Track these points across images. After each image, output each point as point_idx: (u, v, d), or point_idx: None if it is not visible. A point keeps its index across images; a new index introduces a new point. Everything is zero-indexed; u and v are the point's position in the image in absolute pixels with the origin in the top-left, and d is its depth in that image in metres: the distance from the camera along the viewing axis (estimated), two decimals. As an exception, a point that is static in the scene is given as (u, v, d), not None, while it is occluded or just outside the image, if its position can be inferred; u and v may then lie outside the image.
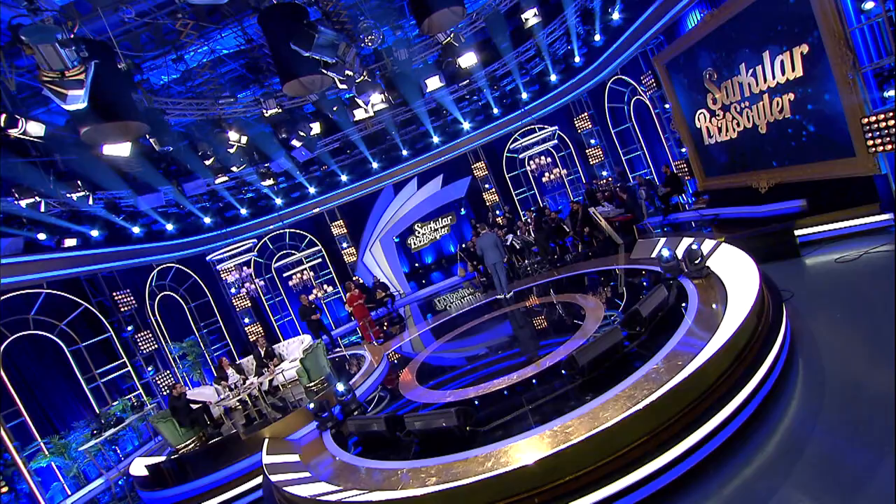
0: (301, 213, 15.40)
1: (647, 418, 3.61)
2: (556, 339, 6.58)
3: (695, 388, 3.79)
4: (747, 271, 5.51)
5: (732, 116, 8.41)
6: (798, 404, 3.73)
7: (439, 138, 14.77)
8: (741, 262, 5.95)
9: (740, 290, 5.15)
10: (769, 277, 5.47)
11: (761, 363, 3.97)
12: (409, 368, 7.96)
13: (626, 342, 5.07)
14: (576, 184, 15.38)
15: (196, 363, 10.61)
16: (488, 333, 8.54)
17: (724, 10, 7.50)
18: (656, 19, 9.57)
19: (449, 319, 10.54)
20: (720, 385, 3.82)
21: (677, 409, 3.68)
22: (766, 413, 3.73)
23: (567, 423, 4.02)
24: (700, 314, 5.15)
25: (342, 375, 8.75)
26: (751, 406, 3.75)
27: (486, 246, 9.52)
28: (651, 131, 12.25)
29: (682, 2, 8.57)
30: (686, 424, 3.60)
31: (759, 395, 3.82)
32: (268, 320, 14.37)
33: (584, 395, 4.52)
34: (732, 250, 6.43)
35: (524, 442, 3.98)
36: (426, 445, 4.83)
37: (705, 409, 3.69)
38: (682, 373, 3.97)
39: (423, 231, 17.32)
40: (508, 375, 5.74)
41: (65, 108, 4.53)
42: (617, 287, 7.96)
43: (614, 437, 3.56)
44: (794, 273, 5.92)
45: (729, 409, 3.65)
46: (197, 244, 12.94)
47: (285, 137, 10.08)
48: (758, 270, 5.23)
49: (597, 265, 9.27)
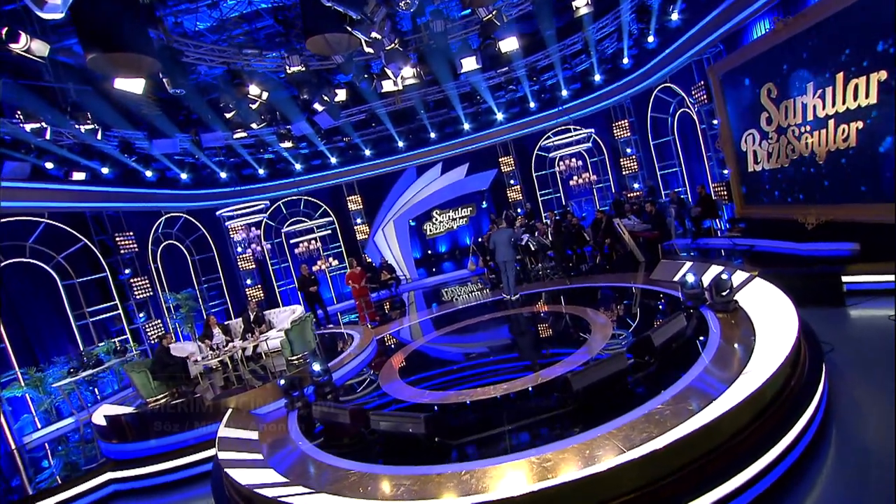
0: (318, 181, 14.98)
1: (641, 469, 2.99)
2: (555, 353, 5.95)
3: (704, 441, 3.14)
4: (782, 313, 4.80)
5: (788, 141, 7.52)
6: (826, 485, 3.04)
7: (470, 125, 14.08)
8: (776, 301, 5.23)
9: (772, 334, 4.45)
10: (808, 325, 4.71)
11: (790, 426, 3.28)
12: (394, 358, 7.45)
13: (631, 372, 4.41)
14: (604, 192, 14.53)
15: (189, 316, 10.33)
16: (485, 334, 7.96)
17: (801, 18, 6.60)
18: (718, 24, 8.65)
19: (449, 312, 10.01)
20: (736, 444, 3.15)
21: (679, 464, 3.04)
22: (787, 490, 3.05)
23: (547, 455, 3.42)
24: (721, 353, 4.45)
25: (325, 354, 8.30)
26: (770, 477, 3.07)
27: (499, 241, 8.88)
28: (693, 148, 11.33)
29: (753, 6, 7.64)
30: (688, 486, 2.95)
31: (782, 465, 3.14)
32: (270, 284, 14.07)
33: (573, 424, 3.91)
34: (767, 287, 5.68)
35: (495, 469, 3.40)
36: (389, 449, 4.30)
37: (714, 470, 3.04)
38: (692, 420, 3.33)
39: (441, 218, 16.75)
40: (494, 385, 5.15)
41: (42, 16, 4.07)
42: (631, 307, 7.26)
43: (598, 486, 2.95)
44: (837, 324, 5.13)
45: (743, 476, 2.99)
46: (209, 197, 12.64)
47: (307, 99, 9.57)
48: (797, 314, 4.50)
49: (613, 280, 8.55)
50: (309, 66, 9.55)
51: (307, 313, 8.94)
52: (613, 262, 9.99)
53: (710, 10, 8.68)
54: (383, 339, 8.97)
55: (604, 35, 10.70)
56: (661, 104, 12.21)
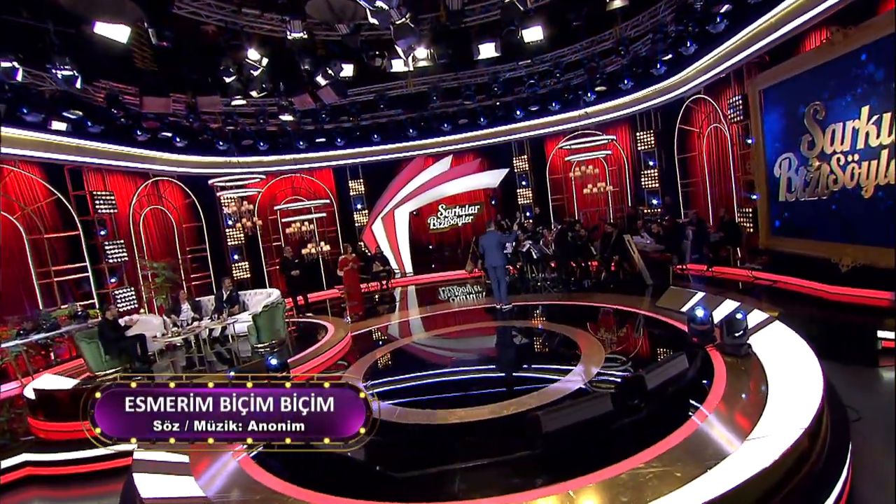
0: (321, 161, 14.48)
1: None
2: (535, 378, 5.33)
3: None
4: (803, 367, 4.16)
5: (831, 170, 6.76)
6: None
7: (485, 119, 13.38)
8: (796, 351, 4.59)
9: (788, 391, 3.80)
10: (833, 385, 4.03)
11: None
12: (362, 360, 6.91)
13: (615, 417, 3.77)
14: (619, 204, 13.77)
15: (164, 287, 9.89)
16: (467, 344, 7.43)
17: (863, 30, 5.83)
18: (765, 32, 7.88)
19: (437, 315, 9.49)
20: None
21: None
22: None
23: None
24: (725, 408, 3.80)
25: (295, 345, 7.78)
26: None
27: (488, 245, 8.27)
28: (721, 167, 10.55)
29: (807, 14, 6.87)
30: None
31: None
32: (258, 263, 13.61)
33: (536, 472, 3.31)
34: (787, 333, 5.01)
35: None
36: (323, 471, 3.73)
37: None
38: (680, 492, 2.71)
39: (446, 213, 16.15)
40: (459, 409, 4.57)
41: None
42: (630, 335, 6.60)
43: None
44: (866, 387, 4.43)
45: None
46: (203, 165, 12.18)
47: (309, 70, 9.00)
48: (821, 373, 3.85)
49: (615, 301, 7.88)
50: (313, 36, 8.99)
51: (281, 300, 8.42)
52: (619, 281, 9.31)
53: (757, 15, 7.90)
54: (361, 335, 8.43)
55: (638, 34, 9.94)
56: (692, 116, 11.42)
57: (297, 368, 6.47)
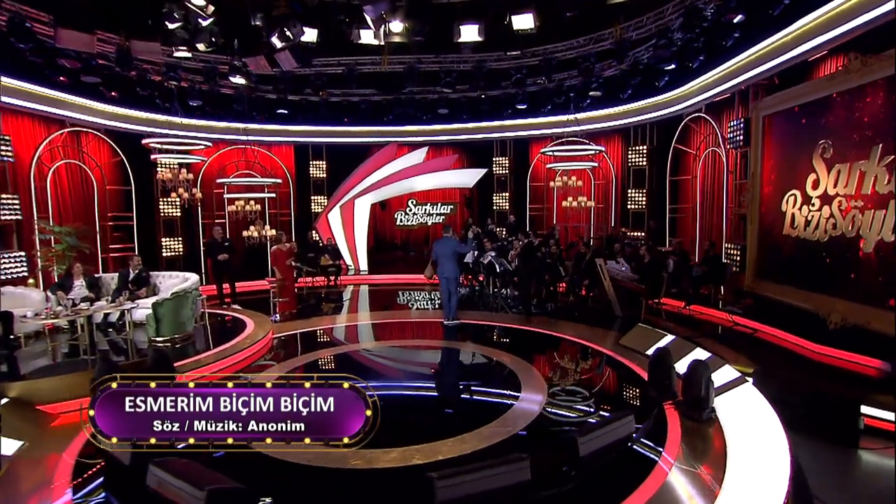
0: (280, 135, 13.67)
1: None
2: (452, 422, 4.71)
3: None
4: (770, 443, 3.72)
5: (831, 213, 6.33)
6: None
7: (467, 113, 12.77)
8: (765, 421, 4.14)
9: (749, 474, 3.33)
10: (802, 472, 3.50)
11: None
12: (270, 369, 6.23)
13: (533, 485, 3.17)
14: (602, 222, 13.31)
15: (68, 256, 8.95)
16: (396, 363, 6.89)
17: (886, 59, 5.38)
18: (778, 52, 7.45)
19: (377, 324, 8.97)
20: None
21: None
22: None
23: None
24: (673, 486, 3.26)
25: (201, 344, 7.03)
26: None
27: (441, 253, 7.67)
28: (714, 195, 10.15)
29: (824, 36, 6.44)
30: None
31: None
32: (193, 241, 12.69)
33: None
34: (757, 399, 4.53)
35: None
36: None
37: None
38: None
39: (416, 210, 15.56)
40: (360, 448, 3.91)
41: None
42: (583, 376, 6.04)
43: None
44: (843, 473, 3.92)
45: None
46: (138, 121, 11.23)
47: (260, 27, 8.24)
48: (790, 456, 3.36)
49: (577, 332, 7.33)
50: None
51: (196, 288, 7.62)
52: (587, 308, 8.79)
53: (770, 32, 7.47)
54: (285, 339, 7.73)
55: (640, 37, 9.44)
56: (690, 136, 11.02)
57: (198, 370, 5.77)
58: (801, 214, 6.96)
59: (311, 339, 7.85)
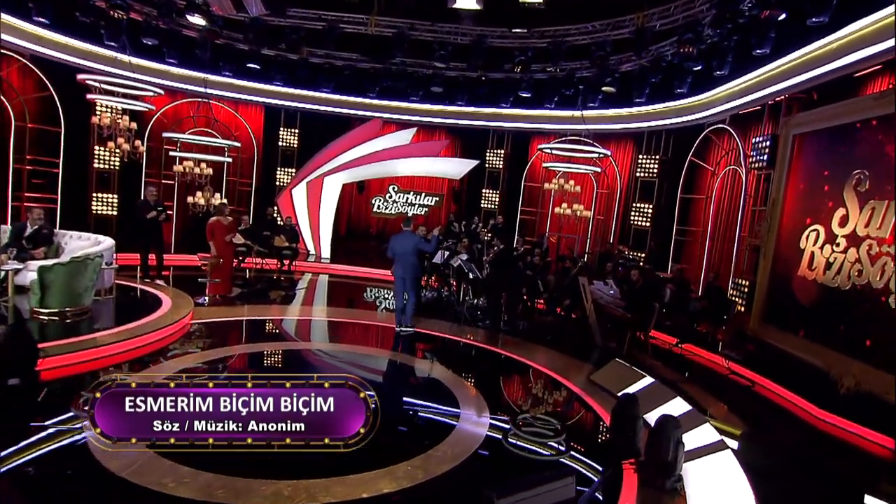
0: (247, 92, 12.97)
1: None
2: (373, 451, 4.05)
3: None
4: None
5: (858, 258, 5.77)
6: None
7: (463, 94, 12.10)
8: None
9: None
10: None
11: None
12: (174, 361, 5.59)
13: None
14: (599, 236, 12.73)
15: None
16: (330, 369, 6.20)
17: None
18: (820, 61, 6.87)
19: (321, 321, 8.54)
20: None
21: None
22: None
23: None
24: None
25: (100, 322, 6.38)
26: None
27: (399, 251, 7.00)
28: (727, 220, 9.60)
29: (879, 45, 5.86)
30: None
31: None
32: (132, 201, 11.92)
33: None
34: (735, 472, 3.95)
35: None
36: None
37: None
38: None
39: (396, 198, 14.92)
40: (252, 479, 3.36)
41: None
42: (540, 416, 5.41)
43: None
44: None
45: None
46: (75, 52, 10.40)
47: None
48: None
49: (545, 359, 6.75)
50: None
51: (102, 254, 6.92)
52: (564, 331, 8.19)
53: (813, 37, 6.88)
54: (206, 325, 7.09)
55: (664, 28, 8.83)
56: (708, 149, 10.45)
57: (88, 352, 5.16)
58: (823, 255, 6.41)
59: (236, 330, 7.21)
